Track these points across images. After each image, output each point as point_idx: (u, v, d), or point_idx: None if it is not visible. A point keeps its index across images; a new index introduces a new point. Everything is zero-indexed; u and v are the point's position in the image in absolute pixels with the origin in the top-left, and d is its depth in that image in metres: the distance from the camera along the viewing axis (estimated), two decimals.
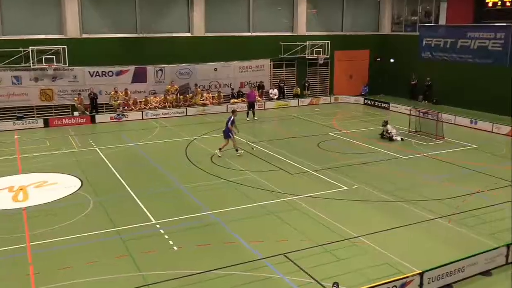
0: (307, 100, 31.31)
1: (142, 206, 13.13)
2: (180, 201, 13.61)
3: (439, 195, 14.02)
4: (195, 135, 21.92)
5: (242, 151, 18.20)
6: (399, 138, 20.91)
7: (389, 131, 20.91)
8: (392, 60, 33.37)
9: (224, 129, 18.03)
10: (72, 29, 25.99)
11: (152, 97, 27.52)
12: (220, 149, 18.03)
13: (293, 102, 30.77)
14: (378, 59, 34.02)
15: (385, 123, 21.35)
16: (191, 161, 17.61)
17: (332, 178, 15.60)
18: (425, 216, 12.51)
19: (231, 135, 17.85)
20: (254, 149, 18.90)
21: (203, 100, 28.25)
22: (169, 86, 28.14)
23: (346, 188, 14.67)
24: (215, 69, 29.57)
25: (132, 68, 27.41)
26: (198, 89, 28.39)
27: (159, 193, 14.23)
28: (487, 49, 26.28)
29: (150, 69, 27.89)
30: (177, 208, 12.99)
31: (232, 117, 18.03)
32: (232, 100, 29.38)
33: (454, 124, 24.55)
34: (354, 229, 11.60)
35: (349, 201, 13.68)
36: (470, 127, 23.75)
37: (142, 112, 26.49)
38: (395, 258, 10.33)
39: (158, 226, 11.86)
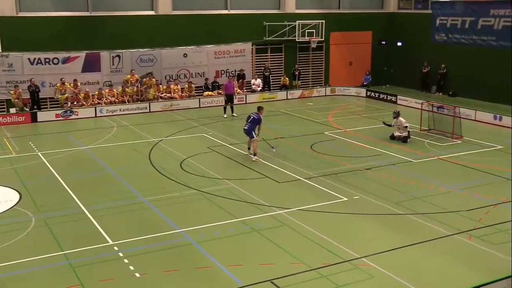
0: (297, 93, 31.46)
1: (96, 224, 13.03)
2: (143, 217, 13.54)
3: (457, 206, 14.20)
4: (161, 136, 21.86)
5: (260, 160, 18.27)
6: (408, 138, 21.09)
7: (404, 126, 20.87)
8: (399, 44, 33.76)
9: (246, 127, 18.45)
10: (6, 6, 25.69)
11: (107, 90, 27.39)
12: (249, 148, 18.81)
13: (281, 94, 30.89)
14: (383, 43, 34.37)
15: (397, 115, 21.35)
16: (156, 168, 17.55)
17: (328, 187, 15.68)
18: (440, 231, 12.65)
19: (255, 135, 18.31)
20: (275, 150, 19.07)
21: (160, 93, 27.99)
22: (129, 76, 28.04)
23: (345, 199, 14.76)
24: (185, 55, 29.54)
25: (82, 54, 27.23)
26: (153, 79, 28.22)
27: (117, 208, 14.14)
28: None
29: (105, 55, 27.74)
30: (140, 226, 12.91)
31: (260, 116, 18.53)
32: (205, 93, 29.40)
33: (475, 120, 24.91)
34: (356, 249, 11.67)
35: (350, 214, 13.76)
36: (494, 124, 24.13)
37: (96, 108, 26.33)
38: (405, 283, 10.42)
39: (116, 248, 11.77)
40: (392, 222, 13.27)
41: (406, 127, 20.98)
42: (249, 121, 18.56)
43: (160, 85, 28.48)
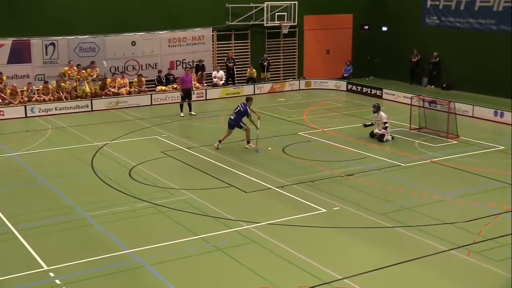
0: (266, 86, 31.57)
1: (28, 246, 12.83)
2: (84, 236, 13.39)
3: (453, 217, 14.40)
4: (106, 139, 21.67)
5: (254, 146, 20.14)
6: (390, 137, 21.36)
7: (384, 122, 21.14)
8: (385, 29, 34.15)
9: (232, 117, 20.17)
10: None
11: (40, 85, 27.03)
12: (220, 141, 20.21)
13: (247, 89, 30.95)
14: (366, 27, 34.74)
15: (377, 109, 21.65)
16: (100, 177, 17.40)
17: (304, 196, 15.75)
18: (434, 246, 12.80)
19: (242, 125, 20.08)
20: (270, 149, 19.98)
21: (90, 89, 27.60)
22: (66, 68, 27.73)
23: (324, 210, 14.83)
24: (133, 43, 29.39)
25: (7, 42, 26.85)
26: (75, 67, 27.66)
27: (52, 226, 13.95)
28: None
29: (36, 43, 27.42)
30: (80, 247, 12.76)
31: (248, 106, 20.25)
32: (158, 88, 29.26)
33: (472, 117, 25.36)
34: (337, 269, 11.73)
35: (329, 229, 13.82)
36: (495, 121, 24.61)
37: (26, 106, 25.97)
38: None
39: (52, 274, 11.61)
40: (379, 237, 13.39)
41: (385, 123, 21.22)
42: (235, 111, 20.11)
43: (105, 78, 28.22)
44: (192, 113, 25.79)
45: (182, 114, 25.55)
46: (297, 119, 25.07)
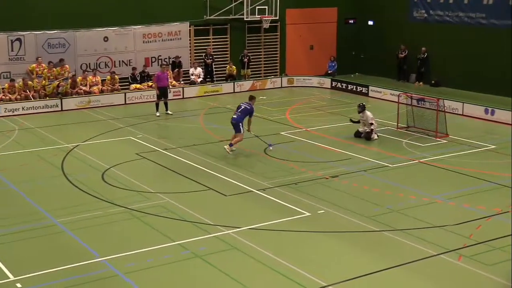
0: (247, 84, 31.57)
1: None
2: (54, 244, 13.32)
3: (443, 220, 14.51)
4: (77, 141, 21.57)
5: (234, 150, 19.68)
6: (376, 136, 21.48)
7: (369, 122, 21.30)
8: (370, 23, 34.34)
9: (235, 116, 19.71)
10: None
11: (6, 83, 26.81)
12: (230, 145, 19.56)
13: (227, 87, 30.95)
14: (351, 22, 34.90)
15: (362, 109, 21.76)
16: (71, 181, 17.31)
17: (287, 200, 15.78)
18: (423, 251, 12.88)
19: (242, 129, 19.58)
20: (272, 148, 20.11)
21: (59, 87, 27.43)
22: (34, 66, 27.54)
23: (308, 214, 14.87)
24: (106, 39, 29.24)
25: None
26: (43, 64, 27.46)
27: (20, 234, 13.84)
28: (509, 5, 27.59)
29: (1, 38, 27.20)
30: (50, 255, 12.69)
31: (252, 106, 20.06)
32: (132, 86, 29.15)
33: (462, 115, 25.54)
34: (322, 275, 11.75)
35: (313, 233, 13.86)
36: (486, 119, 24.79)
37: None
38: None
39: (19, 285, 11.53)
40: (365, 241, 13.45)
41: (371, 124, 21.34)
42: (239, 110, 19.71)
43: (74, 76, 28.04)
44: (169, 112, 25.73)
45: (158, 114, 25.47)
46: (279, 118, 25.11)
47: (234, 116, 19.75)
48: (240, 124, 19.56)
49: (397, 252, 12.88)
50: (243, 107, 19.90)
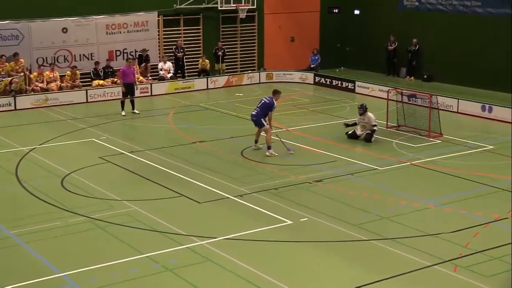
0: (222, 80, 31.58)
1: None
2: (8, 258, 13.20)
3: (437, 228, 14.58)
4: (33, 143, 21.43)
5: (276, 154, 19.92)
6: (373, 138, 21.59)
7: (373, 124, 21.40)
8: (357, 12, 34.48)
9: (253, 112, 20.19)
10: None
11: None
12: (256, 141, 20.39)
13: (199, 83, 30.94)
14: (335, 11, 35.00)
15: (364, 110, 21.73)
16: (26, 188, 17.18)
17: (266, 206, 15.78)
18: (416, 261, 12.92)
19: (265, 123, 19.98)
20: (292, 152, 20.07)
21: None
22: None
23: (289, 222, 14.88)
24: (65, 30, 29.12)
25: None
26: (22, 60, 27.39)
27: None
28: None
29: None
30: (4, 271, 12.57)
31: (273, 100, 20.31)
32: (95, 82, 29.03)
33: (457, 112, 25.73)
34: None
35: (296, 243, 13.87)
36: (483, 117, 25.01)
37: None
38: None
39: None
40: (353, 251, 13.49)
41: (374, 125, 21.46)
42: (258, 105, 20.07)
43: (29, 71, 27.89)
44: (135, 111, 25.67)
45: (123, 113, 25.40)
46: None
47: (253, 113, 20.25)
48: (262, 119, 20.01)
49: (388, 263, 12.94)
50: (263, 101, 20.34)
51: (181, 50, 31.37)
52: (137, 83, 27.21)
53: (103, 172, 18.73)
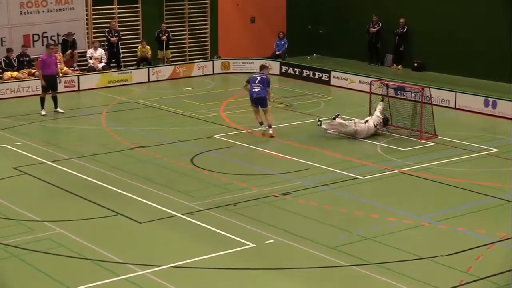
0: (167, 70, 31.55)
1: None
2: None
3: (431, 249, 14.66)
4: None
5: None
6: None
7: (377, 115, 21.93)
8: None
9: (256, 90, 21.93)
10: None
11: None
12: (261, 123, 22.58)
13: (138, 74, 30.94)
14: None
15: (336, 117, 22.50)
16: None
17: (223, 226, 15.76)
18: None
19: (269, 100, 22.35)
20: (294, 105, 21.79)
21: None
22: None
23: (252, 245, 14.87)
24: None
25: None
26: None
27: None
28: None
29: None
30: None
31: (266, 75, 22.45)
32: (7, 74, 28.84)
33: (454, 108, 25.96)
34: None
35: (260, 270, 13.87)
36: (484, 114, 25.25)
37: None
38: None
39: None
40: (329, 279, 13.51)
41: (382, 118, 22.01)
42: (257, 82, 21.61)
43: None
44: (59, 110, 25.53)
45: (43, 112, 25.23)
46: (211, 116, 25.14)
47: (255, 90, 21.57)
48: (267, 96, 22.07)
49: None
50: (259, 77, 21.93)
51: (116, 34, 31.27)
52: (60, 75, 26.96)
53: (18, 186, 18.56)
